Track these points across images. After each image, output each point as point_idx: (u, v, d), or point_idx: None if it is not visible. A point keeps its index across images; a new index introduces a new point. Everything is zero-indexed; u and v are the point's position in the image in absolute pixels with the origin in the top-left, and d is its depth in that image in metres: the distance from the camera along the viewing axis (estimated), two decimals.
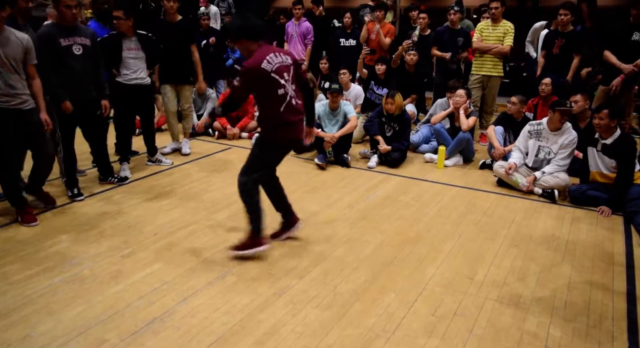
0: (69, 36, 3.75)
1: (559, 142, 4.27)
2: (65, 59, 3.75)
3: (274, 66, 2.88)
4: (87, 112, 4.01)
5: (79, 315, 2.54)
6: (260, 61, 2.84)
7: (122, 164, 4.67)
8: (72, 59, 3.79)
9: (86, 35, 3.87)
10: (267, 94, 2.93)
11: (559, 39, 5.53)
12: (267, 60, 2.86)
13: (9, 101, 3.35)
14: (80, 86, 3.88)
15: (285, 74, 2.95)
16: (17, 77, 3.37)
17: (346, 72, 6.05)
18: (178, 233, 3.48)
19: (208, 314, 2.56)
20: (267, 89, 2.90)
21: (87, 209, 3.88)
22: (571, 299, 2.77)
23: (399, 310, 2.62)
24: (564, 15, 5.40)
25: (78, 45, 3.81)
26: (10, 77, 3.33)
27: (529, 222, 3.79)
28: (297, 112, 3.06)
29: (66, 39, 3.74)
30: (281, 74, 2.92)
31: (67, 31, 3.75)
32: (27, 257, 3.12)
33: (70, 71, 3.79)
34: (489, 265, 3.12)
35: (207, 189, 4.37)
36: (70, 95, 3.80)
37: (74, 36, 3.78)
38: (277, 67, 2.90)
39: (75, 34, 3.80)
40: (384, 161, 5.10)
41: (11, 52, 3.31)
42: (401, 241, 3.42)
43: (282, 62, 2.94)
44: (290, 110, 2.99)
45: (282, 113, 2.96)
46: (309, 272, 2.99)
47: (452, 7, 6.13)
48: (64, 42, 3.73)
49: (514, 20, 5.88)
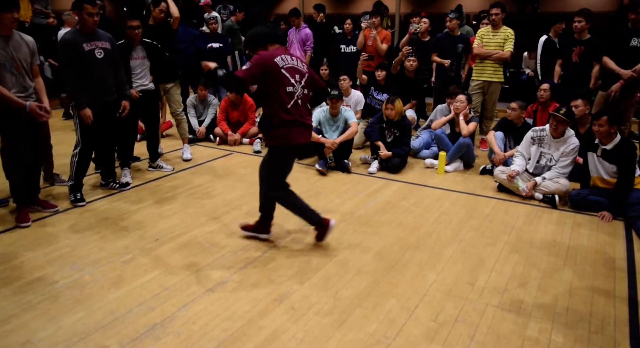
0: (91, 41, 3.87)
1: (561, 149, 4.27)
2: (88, 63, 3.85)
3: (286, 64, 3.00)
4: (107, 115, 4.10)
5: (80, 321, 2.53)
6: (274, 55, 2.98)
7: (124, 170, 4.68)
8: (94, 63, 3.88)
9: (105, 39, 3.99)
10: (275, 89, 2.98)
11: (577, 47, 5.46)
12: (282, 57, 2.99)
13: (25, 101, 3.47)
14: (102, 89, 3.99)
15: (298, 75, 3.05)
16: (27, 79, 3.54)
17: (346, 78, 6.07)
18: (179, 239, 3.48)
19: (209, 320, 2.56)
20: (276, 83, 2.97)
21: (88, 215, 3.89)
22: (573, 305, 2.76)
23: (400, 316, 2.62)
24: (578, 22, 5.38)
25: (100, 49, 3.91)
26: (23, 79, 3.49)
27: (530, 227, 3.79)
28: (306, 115, 3.11)
29: (89, 44, 3.85)
30: (292, 74, 3.02)
31: (88, 36, 3.87)
32: (27, 262, 3.12)
33: (92, 74, 3.89)
34: (490, 270, 3.12)
35: (209, 195, 4.37)
36: (93, 98, 3.90)
37: (95, 41, 3.90)
38: (290, 66, 3.01)
39: (96, 38, 3.91)
40: (384, 167, 5.11)
41: (22, 55, 3.49)
42: (402, 247, 3.42)
43: (295, 65, 3.05)
44: (298, 109, 3.05)
45: (289, 109, 3.02)
46: (310, 278, 2.99)
47: (450, 14, 6.17)
48: (86, 46, 3.84)
49: (513, 26, 5.91)
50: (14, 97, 3.38)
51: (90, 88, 3.89)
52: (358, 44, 6.64)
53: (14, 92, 3.43)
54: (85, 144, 4.03)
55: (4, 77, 3.38)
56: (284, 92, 2.99)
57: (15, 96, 3.42)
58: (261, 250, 3.31)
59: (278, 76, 2.97)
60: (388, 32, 6.77)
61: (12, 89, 3.42)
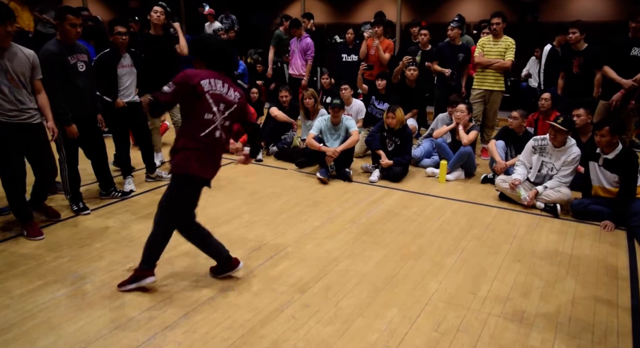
0: (73, 54, 3.80)
1: (562, 159, 4.27)
2: (72, 77, 3.78)
3: (212, 89, 2.67)
4: (88, 128, 4.03)
5: (81, 330, 2.53)
6: (201, 77, 2.65)
7: (126, 178, 4.68)
8: (77, 77, 3.82)
9: (84, 52, 3.91)
10: (191, 113, 2.69)
11: (576, 58, 5.47)
12: (210, 81, 2.67)
13: (19, 115, 3.39)
14: (82, 103, 3.91)
15: (222, 105, 2.72)
16: (24, 92, 3.41)
17: (347, 87, 6.11)
18: (179, 248, 3.48)
19: (209, 329, 2.55)
20: (194, 107, 2.67)
21: (89, 223, 3.89)
22: (575, 314, 2.75)
23: (402, 326, 2.61)
24: (573, 33, 5.40)
25: (81, 62, 3.85)
26: (18, 93, 3.36)
27: (532, 237, 3.78)
28: (216, 149, 2.77)
29: (72, 57, 3.78)
30: (217, 102, 2.69)
31: (71, 49, 3.79)
32: (29, 271, 3.12)
33: (75, 88, 3.82)
34: (492, 280, 3.11)
35: (209, 204, 4.37)
36: (74, 112, 3.81)
37: (77, 53, 3.83)
38: (216, 93, 2.69)
39: (77, 51, 3.84)
40: (385, 176, 5.11)
41: (19, 68, 3.35)
42: (403, 256, 3.41)
43: (223, 94, 2.72)
44: (210, 140, 2.71)
45: (199, 137, 2.67)
46: (311, 287, 2.98)
47: (451, 23, 6.21)
48: (71, 60, 3.77)
49: (514, 35, 5.94)
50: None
51: (75, 102, 3.80)
52: (361, 54, 6.69)
53: (5, 104, 3.29)
54: (70, 157, 3.95)
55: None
56: (200, 117, 2.67)
57: (6, 108, 3.30)
58: (262, 259, 3.31)
59: (199, 99, 2.64)
60: (391, 42, 6.82)
61: (2, 102, 3.28)
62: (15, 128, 3.38)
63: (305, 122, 5.99)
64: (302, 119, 6.08)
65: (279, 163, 5.72)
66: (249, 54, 9.72)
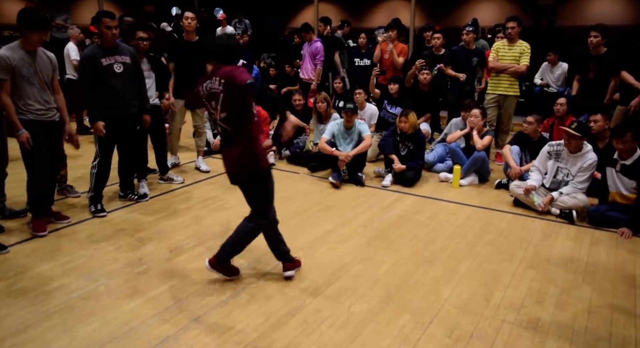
0: (110, 55, 3.94)
1: (578, 164, 4.21)
2: (107, 78, 3.92)
3: (205, 92, 2.82)
4: (126, 127, 4.18)
5: (94, 332, 2.55)
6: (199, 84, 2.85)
7: (141, 182, 4.73)
8: (113, 77, 3.95)
9: (126, 53, 4.07)
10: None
11: (592, 66, 5.39)
12: (203, 86, 2.83)
13: (45, 113, 3.63)
14: (121, 103, 4.05)
15: (214, 102, 2.80)
16: (48, 93, 3.65)
17: (362, 91, 6.10)
18: (193, 251, 3.50)
19: (221, 333, 2.55)
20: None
21: (104, 226, 3.93)
22: (592, 323, 2.70)
23: (414, 332, 2.58)
24: (594, 37, 5.33)
25: (119, 63, 3.99)
26: (44, 93, 3.61)
27: (547, 243, 3.72)
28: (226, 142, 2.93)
29: (107, 59, 3.93)
30: (210, 101, 2.82)
31: (107, 51, 3.95)
32: (44, 273, 3.16)
33: (111, 88, 3.96)
34: (506, 286, 3.06)
35: (223, 207, 4.40)
36: (110, 111, 3.98)
37: (114, 55, 3.97)
38: (208, 94, 2.81)
39: (116, 53, 3.99)
40: (398, 180, 5.09)
41: (45, 70, 3.62)
42: (416, 261, 3.39)
43: (212, 89, 2.79)
44: (223, 136, 2.94)
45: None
46: (323, 292, 2.97)
47: (466, 27, 6.17)
48: (105, 61, 3.91)
49: (529, 40, 5.88)
50: (15, 118, 3.44)
51: (109, 102, 3.96)
52: (375, 58, 6.68)
53: (35, 104, 3.54)
54: (103, 156, 4.10)
55: (26, 89, 3.49)
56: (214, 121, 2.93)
57: (36, 108, 3.54)
58: (274, 262, 3.31)
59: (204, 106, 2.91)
60: (404, 46, 6.80)
61: (33, 102, 3.52)
62: (42, 126, 3.60)
63: (317, 126, 6.00)
64: (314, 123, 6.09)
65: (291, 167, 5.72)
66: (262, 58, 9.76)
